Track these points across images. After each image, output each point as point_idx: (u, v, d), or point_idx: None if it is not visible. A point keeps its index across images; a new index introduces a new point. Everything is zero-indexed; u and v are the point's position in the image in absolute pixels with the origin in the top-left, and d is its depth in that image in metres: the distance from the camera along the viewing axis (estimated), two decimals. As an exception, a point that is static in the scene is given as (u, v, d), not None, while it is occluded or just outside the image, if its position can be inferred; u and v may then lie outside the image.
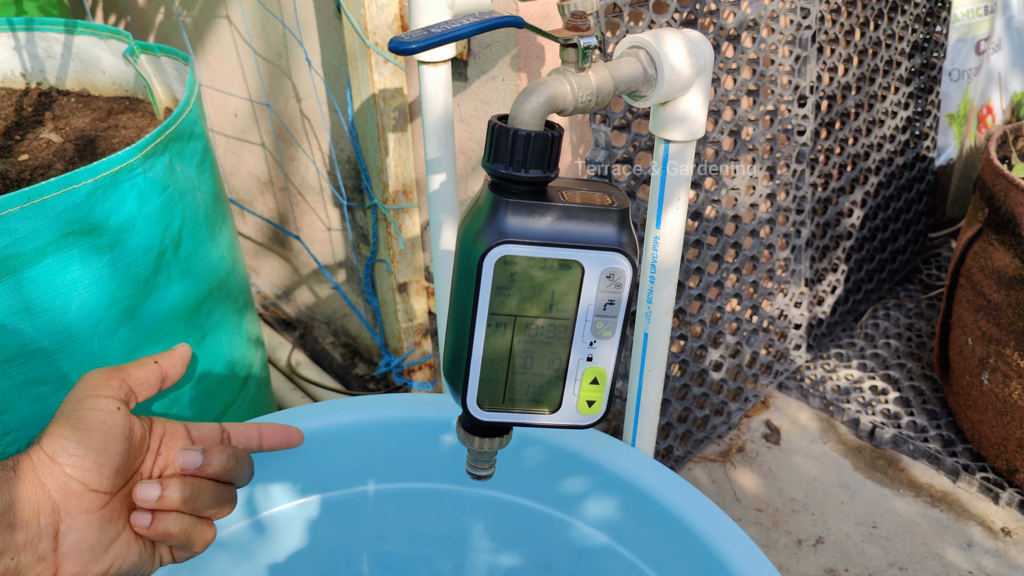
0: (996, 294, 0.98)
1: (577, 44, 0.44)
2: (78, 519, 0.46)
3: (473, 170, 0.92)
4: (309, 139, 1.11)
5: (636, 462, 0.64)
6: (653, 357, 0.64)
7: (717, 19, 0.89)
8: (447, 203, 0.71)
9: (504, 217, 0.39)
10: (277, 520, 0.70)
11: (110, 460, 0.48)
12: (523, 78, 0.81)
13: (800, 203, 1.11)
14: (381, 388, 1.21)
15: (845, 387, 1.20)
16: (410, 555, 0.75)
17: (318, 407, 0.70)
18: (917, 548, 0.98)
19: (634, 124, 0.85)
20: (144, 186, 0.63)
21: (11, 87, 0.84)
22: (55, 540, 0.46)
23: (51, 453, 0.46)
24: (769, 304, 1.13)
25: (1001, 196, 0.96)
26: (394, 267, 1.04)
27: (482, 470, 0.48)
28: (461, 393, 0.43)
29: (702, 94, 0.53)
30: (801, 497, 1.05)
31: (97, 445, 0.47)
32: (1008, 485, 1.04)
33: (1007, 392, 1.00)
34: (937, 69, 1.31)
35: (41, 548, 0.45)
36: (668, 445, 1.04)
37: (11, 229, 0.56)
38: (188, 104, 0.67)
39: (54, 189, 0.56)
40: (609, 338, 0.42)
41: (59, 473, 0.46)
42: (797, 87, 1.03)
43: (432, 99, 0.67)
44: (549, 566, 0.71)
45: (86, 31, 0.80)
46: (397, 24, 0.89)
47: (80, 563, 0.47)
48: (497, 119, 0.40)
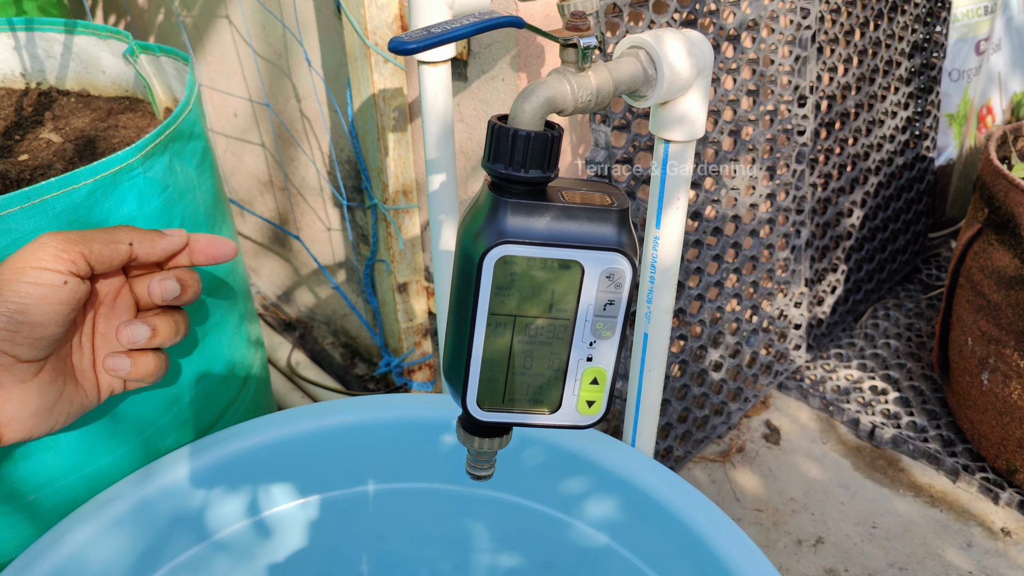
0: (996, 294, 0.98)
1: (577, 44, 0.44)
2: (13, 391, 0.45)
3: (473, 170, 0.92)
4: (309, 139, 1.11)
5: (636, 462, 0.64)
6: (653, 357, 0.64)
7: (717, 19, 0.89)
8: (447, 203, 0.71)
9: (504, 217, 0.39)
10: (277, 520, 0.70)
11: (48, 333, 0.45)
12: (523, 78, 0.81)
13: (800, 203, 1.11)
14: (381, 388, 1.21)
15: (845, 387, 1.20)
16: (410, 555, 0.75)
17: (318, 407, 0.70)
18: (917, 548, 0.98)
19: (634, 124, 0.85)
20: (144, 186, 0.63)
21: (11, 87, 0.84)
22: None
23: None
24: (769, 304, 1.13)
25: (1001, 196, 0.96)
26: (394, 267, 1.04)
27: (482, 470, 0.48)
28: (461, 393, 0.43)
29: (702, 94, 0.53)
30: (801, 497, 1.05)
31: (32, 320, 0.45)
32: (1008, 485, 1.04)
33: (1007, 392, 1.00)
34: (937, 69, 1.31)
35: None
36: (668, 445, 1.04)
37: (11, 229, 0.56)
38: (188, 104, 0.67)
39: (54, 189, 0.56)
40: (609, 338, 0.42)
41: None
42: (797, 87, 1.03)
43: (432, 99, 0.67)
44: (549, 566, 0.71)
45: (86, 31, 0.80)
46: (397, 24, 0.89)
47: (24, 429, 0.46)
48: (497, 119, 0.40)
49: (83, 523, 0.60)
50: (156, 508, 0.64)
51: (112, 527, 0.61)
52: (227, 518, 0.68)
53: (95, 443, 0.64)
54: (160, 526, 0.64)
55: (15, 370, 0.45)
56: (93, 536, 0.60)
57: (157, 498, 0.64)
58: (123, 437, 0.66)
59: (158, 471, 0.64)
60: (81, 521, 0.60)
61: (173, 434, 0.71)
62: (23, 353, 0.45)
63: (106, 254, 0.48)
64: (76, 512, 0.61)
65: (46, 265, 0.45)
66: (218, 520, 0.67)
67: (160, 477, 0.64)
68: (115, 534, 0.61)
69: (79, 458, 0.64)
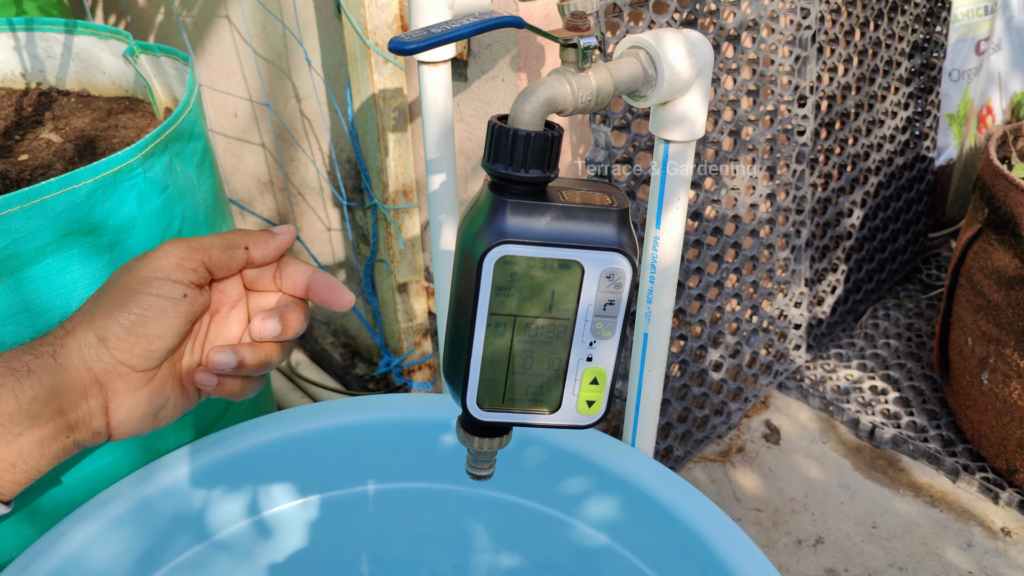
0: (996, 294, 0.98)
1: (577, 44, 0.44)
2: (126, 398, 0.46)
3: (473, 170, 0.92)
4: (309, 139, 1.11)
5: (636, 462, 0.64)
6: (653, 357, 0.64)
7: (717, 19, 0.89)
8: (447, 203, 0.71)
9: (504, 217, 0.39)
10: (277, 520, 0.70)
11: (163, 345, 0.46)
12: (523, 78, 0.81)
13: (800, 203, 1.11)
14: (381, 388, 1.21)
15: (845, 387, 1.20)
16: (410, 555, 0.75)
17: (318, 407, 0.70)
18: (917, 548, 0.98)
19: (634, 124, 0.85)
20: (144, 186, 0.63)
21: (11, 87, 0.84)
22: (106, 416, 0.46)
23: (101, 335, 0.44)
24: (769, 304, 1.13)
25: (1001, 196, 0.96)
26: (394, 267, 1.04)
27: (482, 470, 0.48)
28: (461, 393, 0.43)
29: (702, 94, 0.53)
30: (801, 497, 1.05)
31: (151, 333, 0.45)
32: (1008, 485, 1.04)
33: (1007, 392, 1.00)
34: (937, 69, 1.31)
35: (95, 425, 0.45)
36: (668, 445, 1.04)
37: (11, 229, 0.56)
38: (188, 104, 0.67)
39: (54, 189, 0.56)
40: (609, 338, 0.42)
41: (107, 356, 0.45)
42: (797, 87, 1.03)
43: (432, 99, 0.67)
44: (549, 566, 0.71)
45: (86, 31, 0.80)
46: (397, 24, 0.89)
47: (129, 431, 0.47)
48: (497, 119, 0.40)
49: (83, 523, 0.60)
50: (156, 508, 0.64)
51: (112, 527, 0.61)
52: (227, 518, 0.68)
53: (95, 443, 0.64)
54: (160, 526, 0.64)
55: (130, 379, 0.46)
56: (93, 536, 0.60)
57: (157, 498, 0.64)
58: (123, 437, 0.66)
59: (158, 471, 0.64)
60: (81, 521, 0.60)
61: (173, 434, 0.71)
62: (139, 364, 0.45)
63: (224, 259, 0.48)
64: (76, 512, 0.61)
65: (169, 276, 0.46)
66: (218, 520, 0.67)
67: (160, 477, 0.64)
68: (115, 534, 0.61)
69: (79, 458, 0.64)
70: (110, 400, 0.46)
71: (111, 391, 0.45)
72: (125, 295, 0.45)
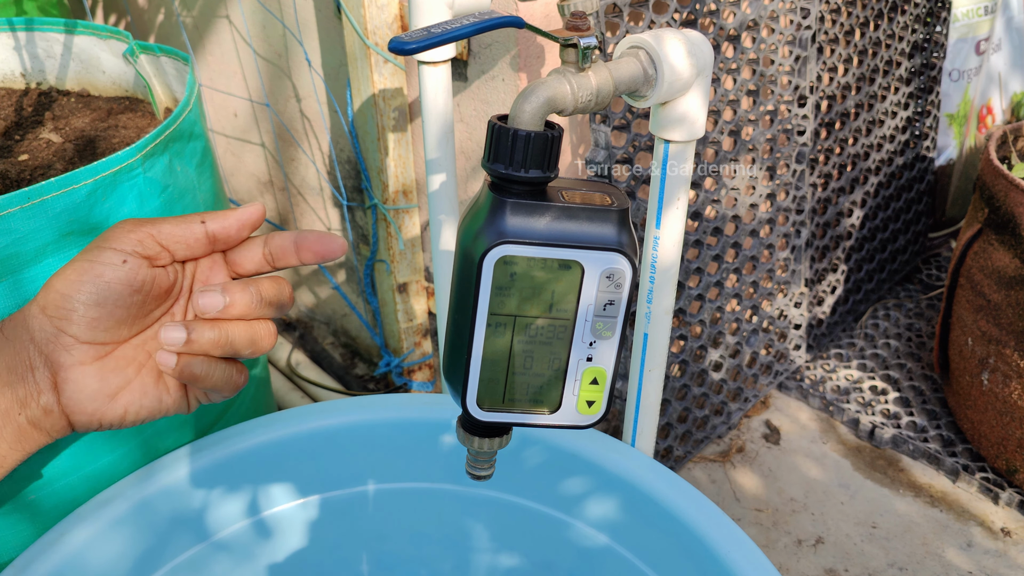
0: (996, 294, 0.98)
1: (577, 44, 0.44)
2: (72, 371, 0.45)
3: (473, 170, 0.92)
4: (309, 139, 1.11)
5: (636, 462, 0.64)
6: (653, 357, 0.64)
7: (717, 19, 0.89)
8: (447, 203, 0.71)
9: (504, 217, 0.39)
10: (277, 520, 0.70)
11: (106, 313, 0.45)
12: (523, 78, 0.81)
13: (800, 203, 1.11)
14: (381, 388, 1.21)
15: (845, 387, 1.20)
16: (410, 555, 0.75)
17: (318, 407, 0.70)
18: (917, 548, 0.98)
19: (634, 124, 0.85)
20: (144, 186, 0.63)
21: (11, 87, 0.84)
22: (55, 392, 0.45)
23: (42, 304, 0.44)
24: (769, 304, 1.13)
25: (1001, 196, 0.96)
26: (394, 267, 1.04)
27: (482, 470, 0.48)
28: (461, 393, 0.43)
29: (702, 94, 0.53)
30: (801, 497, 1.05)
31: (88, 299, 0.44)
32: (1008, 485, 1.04)
33: (1007, 392, 1.00)
34: (937, 69, 1.31)
35: (43, 401, 0.45)
36: (668, 445, 1.04)
37: (11, 229, 0.56)
38: (188, 104, 0.67)
39: (54, 189, 0.56)
40: (609, 338, 0.42)
41: (48, 326, 0.44)
42: (797, 87, 1.03)
43: (432, 99, 0.67)
44: (549, 566, 0.71)
45: (86, 31, 0.80)
46: (397, 24, 0.89)
47: (87, 412, 0.46)
48: (497, 119, 0.40)
49: (83, 523, 0.60)
50: (156, 508, 0.64)
51: (112, 527, 0.61)
52: (227, 518, 0.68)
53: (95, 443, 0.64)
54: (160, 526, 0.64)
55: (75, 351, 0.45)
56: (93, 536, 0.60)
57: (157, 498, 0.64)
58: (123, 437, 0.66)
59: (158, 471, 0.64)
60: (81, 521, 0.60)
61: (173, 434, 0.71)
62: (81, 334, 0.45)
63: (178, 233, 0.47)
64: (76, 512, 0.61)
65: (108, 244, 0.45)
66: (218, 520, 0.67)
67: (160, 477, 0.64)
68: (115, 534, 0.61)
69: (79, 458, 0.64)
70: (57, 373, 0.45)
71: (57, 364, 0.45)
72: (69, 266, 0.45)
